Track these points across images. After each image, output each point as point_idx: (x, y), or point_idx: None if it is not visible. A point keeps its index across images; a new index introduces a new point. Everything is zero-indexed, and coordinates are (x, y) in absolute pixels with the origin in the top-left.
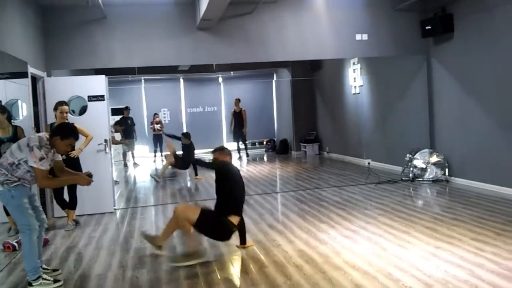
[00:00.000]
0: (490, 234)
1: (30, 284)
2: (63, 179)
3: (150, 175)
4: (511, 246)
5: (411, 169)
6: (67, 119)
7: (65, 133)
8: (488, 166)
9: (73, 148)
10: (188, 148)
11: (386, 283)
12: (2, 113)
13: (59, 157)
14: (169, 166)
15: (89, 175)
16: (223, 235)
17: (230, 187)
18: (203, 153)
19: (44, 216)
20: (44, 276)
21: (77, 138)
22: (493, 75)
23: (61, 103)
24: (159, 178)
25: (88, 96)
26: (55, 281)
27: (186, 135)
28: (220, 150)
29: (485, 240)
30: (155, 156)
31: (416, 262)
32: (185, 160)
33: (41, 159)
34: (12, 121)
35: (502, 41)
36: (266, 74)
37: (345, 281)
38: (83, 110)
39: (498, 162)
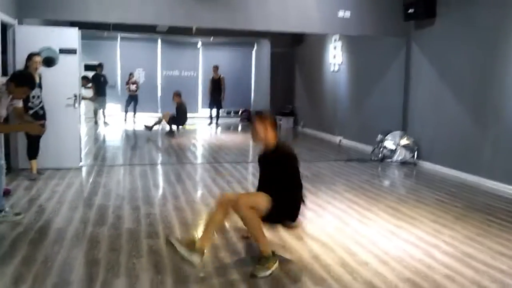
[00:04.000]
0: (450, 218)
1: None
2: (14, 125)
3: (144, 125)
4: (467, 230)
5: (381, 149)
6: (38, 69)
7: (20, 80)
8: (455, 153)
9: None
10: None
11: (342, 255)
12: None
13: (20, 104)
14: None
15: (42, 125)
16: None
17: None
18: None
19: (2, 162)
20: (7, 209)
21: (32, 88)
22: (470, 64)
23: (34, 54)
24: (149, 129)
25: (60, 49)
26: (16, 214)
27: (178, 94)
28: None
29: (444, 223)
30: (125, 116)
31: (375, 238)
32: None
33: None
34: None
35: (481, 30)
36: (246, 43)
37: (303, 251)
38: (48, 61)
39: (464, 150)
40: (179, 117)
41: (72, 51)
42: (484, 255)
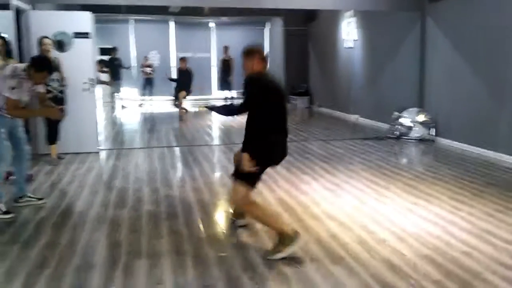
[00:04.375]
0: (468, 195)
1: None
2: (34, 110)
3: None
4: (486, 207)
5: (398, 127)
6: (50, 51)
7: (40, 65)
8: (473, 128)
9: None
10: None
11: (360, 234)
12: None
13: (41, 89)
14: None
15: (62, 110)
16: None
17: None
18: (192, 100)
19: (27, 147)
20: (30, 194)
21: (50, 72)
22: (486, 37)
23: (44, 37)
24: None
25: (73, 33)
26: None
27: (183, 59)
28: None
29: (462, 200)
30: (142, 99)
31: (392, 216)
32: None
33: (12, 88)
34: None
35: (498, 3)
36: (259, 22)
37: (321, 230)
38: (60, 45)
39: (483, 125)
40: (182, 81)
41: (85, 35)
42: (503, 231)
